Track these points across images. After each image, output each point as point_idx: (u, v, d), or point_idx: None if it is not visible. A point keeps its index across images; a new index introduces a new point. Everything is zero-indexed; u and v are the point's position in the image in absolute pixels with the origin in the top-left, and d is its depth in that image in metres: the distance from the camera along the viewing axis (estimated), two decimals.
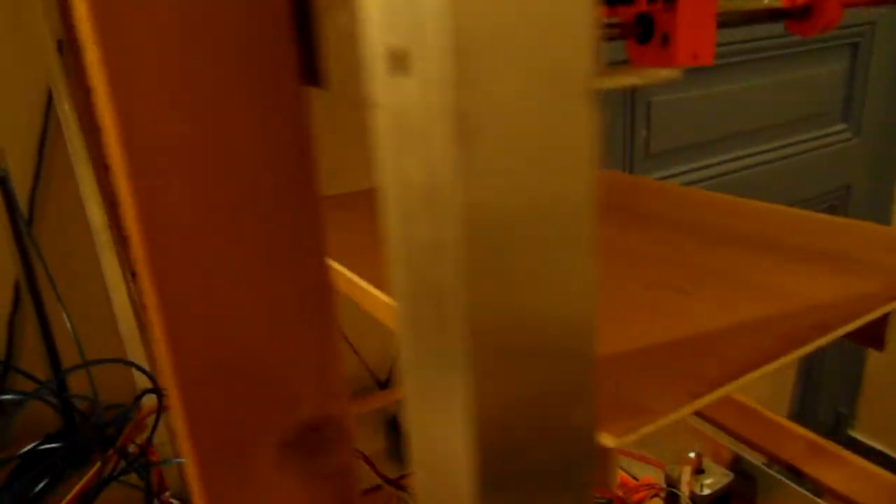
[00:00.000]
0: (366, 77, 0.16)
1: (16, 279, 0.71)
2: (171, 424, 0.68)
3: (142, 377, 0.69)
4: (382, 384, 0.92)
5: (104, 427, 0.68)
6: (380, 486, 0.70)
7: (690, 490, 0.67)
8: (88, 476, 0.61)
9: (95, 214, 0.70)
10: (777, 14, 0.53)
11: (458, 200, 0.14)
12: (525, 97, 0.15)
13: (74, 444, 0.67)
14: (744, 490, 0.69)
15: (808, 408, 1.61)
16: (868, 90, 1.38)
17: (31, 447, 0.67)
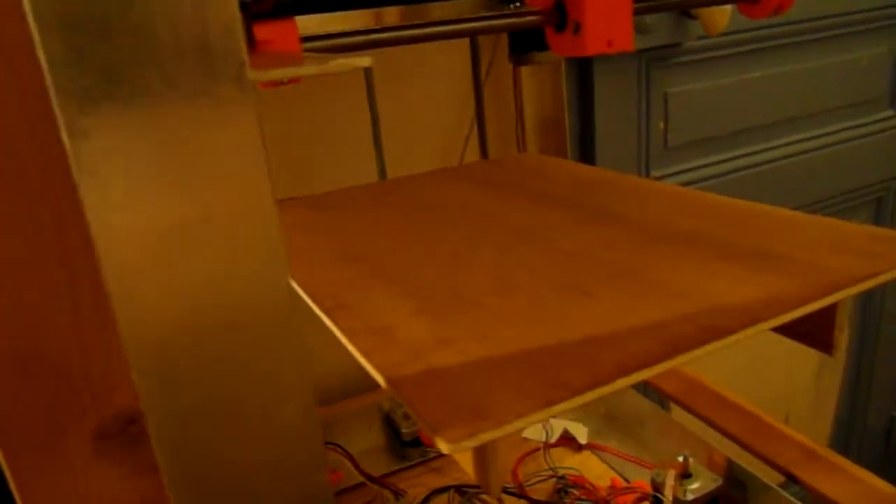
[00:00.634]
0: None
1: None
2: None
3: None
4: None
5: None
6: (363, 484, 0.71)
7: (674, 494, 0.65)
8: None
9: None
10: None
11: None
12: None
13: None
14: (734, 496, 0.66)
15: (858, 413, 1.53)
16: None
17: None
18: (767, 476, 0.66)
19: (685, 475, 0.66)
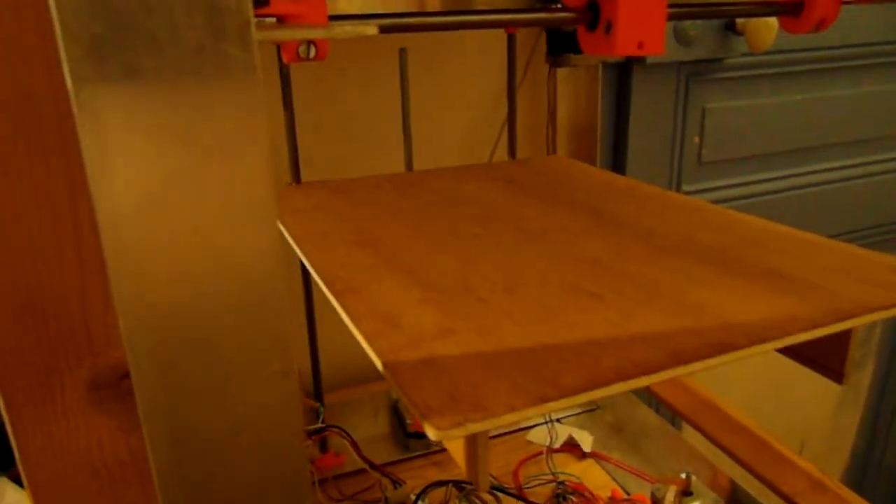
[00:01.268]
0: None
1: None
2: None
3: None
4: None
5: None
6: (364, 470, 0.71)
7: None
8: None
9: None
10: (766, 8, 0.49)
11: None
12: None
13: None
14: None
15: (876, 449, 1.49)
16: None
17: None
18: (771, 502, 0.65)
19: (686, 492, 0.65)
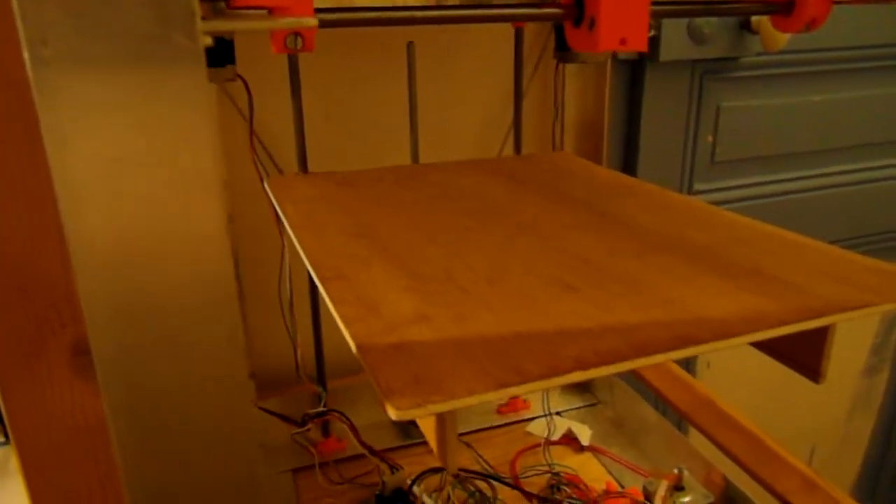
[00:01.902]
0: None
1: None
2: None
3: None
4: None
5: None
6: (363, 455, 0.73)
7: None
8: None
9: None
10: (757, 6, 0.49)
11: None
12: None
13: None
14: None
15: (890, 458, 1.47)
16: None
17: None
18: (764, 501, 0.65)
19: (678, 487, 0.66)
